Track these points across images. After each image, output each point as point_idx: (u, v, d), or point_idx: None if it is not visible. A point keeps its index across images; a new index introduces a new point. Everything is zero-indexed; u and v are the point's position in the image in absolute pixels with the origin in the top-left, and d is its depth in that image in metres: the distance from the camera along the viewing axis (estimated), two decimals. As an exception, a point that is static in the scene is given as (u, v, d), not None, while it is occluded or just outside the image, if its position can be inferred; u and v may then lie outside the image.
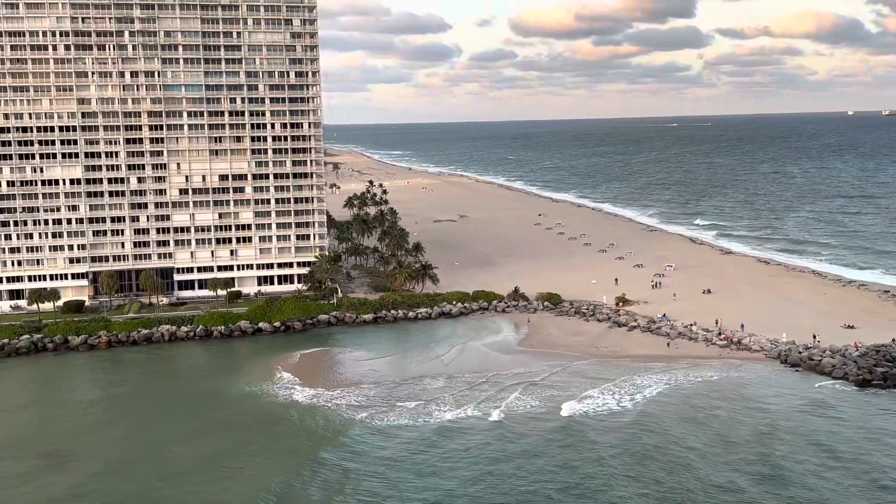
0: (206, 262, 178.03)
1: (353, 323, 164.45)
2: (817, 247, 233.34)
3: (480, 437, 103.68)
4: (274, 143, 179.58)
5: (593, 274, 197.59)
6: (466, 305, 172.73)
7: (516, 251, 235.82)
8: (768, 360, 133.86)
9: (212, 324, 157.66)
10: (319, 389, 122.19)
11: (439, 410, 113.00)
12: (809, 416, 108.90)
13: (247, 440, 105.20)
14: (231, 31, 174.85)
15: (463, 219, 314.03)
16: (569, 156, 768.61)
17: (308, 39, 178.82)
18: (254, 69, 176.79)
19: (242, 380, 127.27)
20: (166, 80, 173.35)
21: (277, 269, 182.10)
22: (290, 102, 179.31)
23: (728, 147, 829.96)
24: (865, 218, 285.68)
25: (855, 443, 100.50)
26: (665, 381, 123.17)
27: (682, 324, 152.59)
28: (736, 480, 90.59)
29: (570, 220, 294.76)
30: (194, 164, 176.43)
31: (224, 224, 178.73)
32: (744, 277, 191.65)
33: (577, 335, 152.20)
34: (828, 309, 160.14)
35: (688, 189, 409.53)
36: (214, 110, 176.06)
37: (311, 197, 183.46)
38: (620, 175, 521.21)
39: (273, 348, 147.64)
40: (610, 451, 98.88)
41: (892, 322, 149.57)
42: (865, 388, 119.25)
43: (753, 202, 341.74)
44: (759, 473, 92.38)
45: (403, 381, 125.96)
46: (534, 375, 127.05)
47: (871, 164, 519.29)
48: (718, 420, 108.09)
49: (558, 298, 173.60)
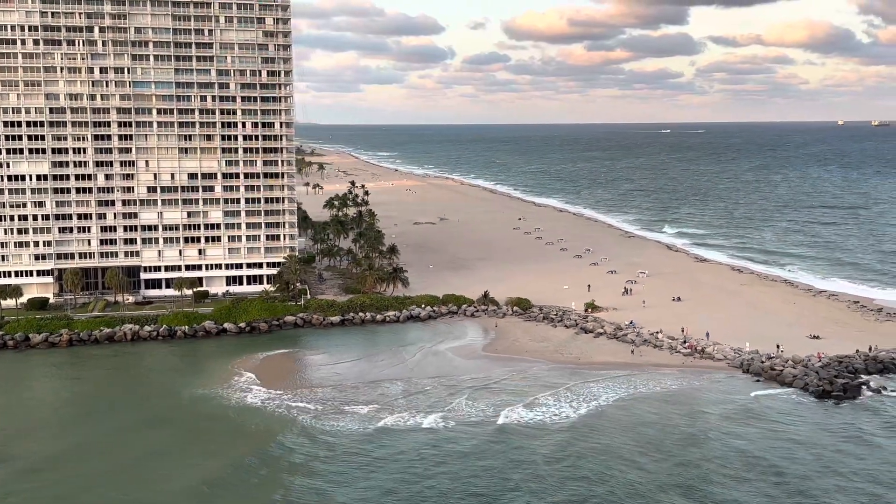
0: (174, 261, 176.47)
1: (320, 325, 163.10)
2: (792, 256, 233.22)
3: (409, 444, 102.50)
4: (245, 142, 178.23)
5: (567, 279, 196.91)
6: (435, 309, 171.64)
7: (492, 255, 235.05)
8: (730, 370, 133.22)
9: (175, 323, 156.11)
10: (275, 392, 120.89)
11: (384, 415, 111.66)
12: (747, 427, 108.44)
13: (183, 442, 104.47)
14: (202, 29, 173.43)
15: (443, 221, 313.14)
16: (556, 160, 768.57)
17: (281, 38, 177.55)
18: (225, 67, 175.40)
19: (198, 381, 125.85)
20: (136, 77, 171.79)
21: (247, 269, 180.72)
22: (261, 101, 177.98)
23: (715, 155, 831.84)
24: (843, 228, 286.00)
25: (781, 451, 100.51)
26: (622, 388, 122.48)
27: (649, 331, 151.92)
28: (652, 488, 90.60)
29: (549, 225, 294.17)
30: (163, 161, 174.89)
31: (192, 223, 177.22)
32: (716, 285, 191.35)
33: (542, 341, 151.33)
34: (796, 318, 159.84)
35: (670, 196, 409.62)
36: (184, 108, 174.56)
37: (282, 197, 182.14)
38: (605, 181, 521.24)
39: (235, 349, 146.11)
40: (531, 457, 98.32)
41: (859, 333, 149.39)
42: (824, 399, 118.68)
43: (734, 210, 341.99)
44: (678, 482, 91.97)
45: (361, 385, 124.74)
46: (491, 381, 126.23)
47: (855, 174, 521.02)
48: (656, 427, 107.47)
49: (528, 303, 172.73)
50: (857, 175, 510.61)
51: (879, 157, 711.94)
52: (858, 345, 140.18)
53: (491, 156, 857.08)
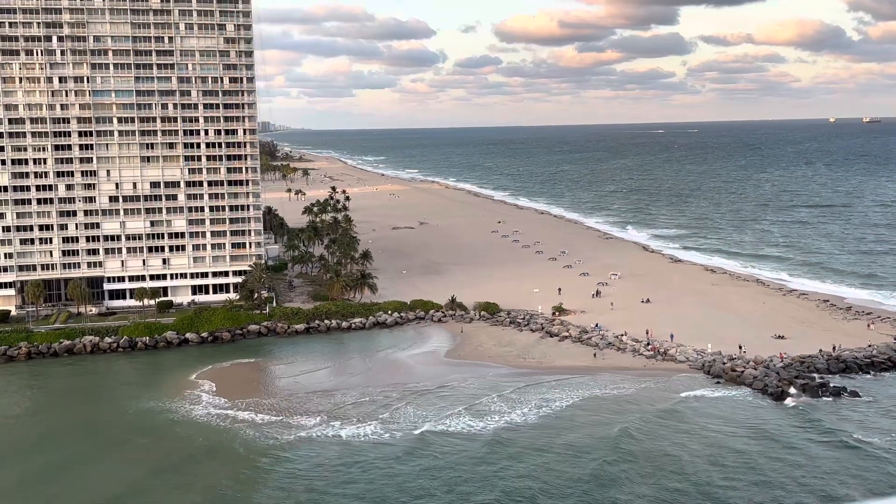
0: (138, 270, 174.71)
1: (285, 333, 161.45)
2: (768, 256, 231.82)
3: (325, 455, 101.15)
4: (207, 149, 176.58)
5: (539, 282, 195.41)
6: (402, 315, 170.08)
7: (467, 259, 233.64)
8: (692, 371, 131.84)
9: (136, 335, 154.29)
10: (223, 403, 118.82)
11: (322, 426, 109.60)
12: (670, 428, 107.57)
13: (103, 454, 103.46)
14: (162, 36, 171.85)
15: (422, 226, 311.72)
16: (543, 162, 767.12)
17: (243, 45, 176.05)
18: (186, 74, 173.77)
19: (148, 394, 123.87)
20: (96, 86, 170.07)
21: (212, 277, 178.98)
22: (224, 108, 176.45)
23: (702, 154, 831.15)
24: (823, 227, 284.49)
25: (694, 451, 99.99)
26: (575, 393, 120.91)
27: (614, 334, 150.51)
28: (559, 488, 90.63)
29: (528, 228, 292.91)
30: (125, 170, 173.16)
31: (156, 232, 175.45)
32: (687, 286, 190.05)
33: (506, 346, 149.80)
34: (763, 318, 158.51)
35: (652, 197, 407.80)
36: (146, 116, 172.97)
37: (248, 205, 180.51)
38: (588, 182, 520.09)
39: (194, 360, 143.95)
40: (439, 465, 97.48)
41: (824, 332, 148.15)
42: (782, 399, 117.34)
43: (715, 211, 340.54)
44: (582, 486, 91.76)
45: (314, 395, 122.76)
46: (445, 387, 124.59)
47: (840, 172, 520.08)
48: (583, 431, 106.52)
49: (495, 308, 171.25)
50: (842, 173, 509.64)
51: (866, 155, 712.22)
52: (823, 344, 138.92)
53: (480, 159, 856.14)
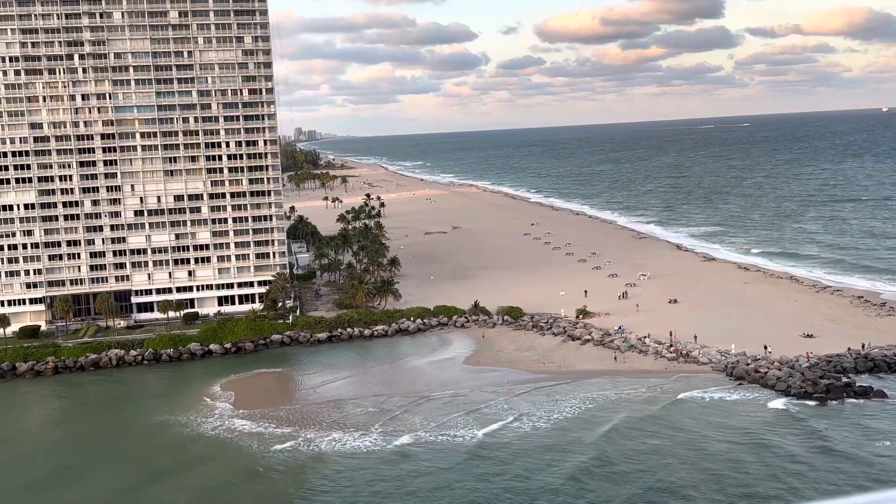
0: (164, 283, 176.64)
1: (307, 342, 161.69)
2: (807, 252, 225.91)
3: (320, 465, 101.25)
4: (229, 161, 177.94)
5: (566, 285, 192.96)
6: (425, 321, 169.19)
7: (497, 263, 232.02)
8: (715, 373, 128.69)
9: (161, 347, 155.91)
10: (239, 415, 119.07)
11: (322, 437, 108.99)
12: (660, 431, 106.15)
13: (111, 468, 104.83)
14: (182, 51, 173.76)
15: (455, 230, 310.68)
16: (583, 162, 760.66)
17: (261, 56, 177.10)
18: (206, 88, 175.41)
19: (165, 406, 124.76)
20: (118, 102, 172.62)
21: (238, 288, 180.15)
22: (244, 120, 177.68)
23: (747, 149, 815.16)
24: (864, 222, 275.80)
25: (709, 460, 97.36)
26: (587, 398, 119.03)
27: (636, 336, 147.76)
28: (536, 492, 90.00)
29: (562, 230, 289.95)
30: (149, 185, 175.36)
31: (181, 245, 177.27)
32: (717, 285, 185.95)
33: (527, 350, 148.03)
34: (793, 317, 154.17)
35: (690, 195, 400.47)
36: (167, 130, 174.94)
37: (270, 215, 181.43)
38: (628, 181, 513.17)
39: (217, 371, 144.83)
40: (423, 470, 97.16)
41: (856, 330, 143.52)
42: (805, 401, 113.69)
43: (754, 206, 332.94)
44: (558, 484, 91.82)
45: (328, 405, 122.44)
46: (457, 396, 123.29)
47: (889, 164, 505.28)
48: (569, 433, 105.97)
49: (519, 312, 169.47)
50: (891, 165, 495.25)
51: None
52: (853, 342, 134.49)
53: (520, 161, 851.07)
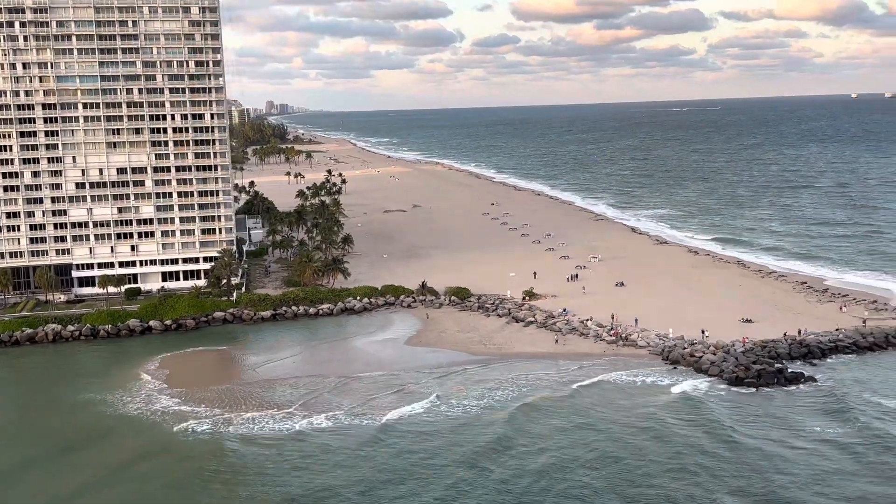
0: (106, 257, 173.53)
1: (251, 320, 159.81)
2: (758, 237, 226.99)
3: (237, 445, 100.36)
4: (175, 134, 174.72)
5: (519, 266, 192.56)
6: (372, 301, 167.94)
7: (452, 243, 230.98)
8: (651, 357, 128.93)
9: (99, 322, 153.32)
10: (166, 394, 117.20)
11: (234, 419, 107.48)
12: (566, 414, 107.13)
13: (27, 447, 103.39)
14: (126, 20, 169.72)
15: (415, 209, 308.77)
16: (553, 142, 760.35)
17: (208, 28, 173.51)
18: (151, 59, 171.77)
19: (97, 384, 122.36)
20: (60, 72, 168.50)
21: (182, 264, 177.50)
22: (190, 93, 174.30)
23: (713, 133, 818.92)
24: (819, 208, 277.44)
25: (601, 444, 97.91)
26: (514, 380, 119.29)
27: (579, 319, 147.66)
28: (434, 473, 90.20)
29: (521, 210, 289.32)
30: (91, 157, 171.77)
31: (124, 218, 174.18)
32: (665, 269, 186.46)
33: (470, 331, 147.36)
34: (736, 302, 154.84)
35: (651, 178, 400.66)
36: (111, 101, 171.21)
37: (217, 190, 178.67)
38: (594, 162, 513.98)
39: (155, 348, 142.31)
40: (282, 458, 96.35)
41: (795, 315, 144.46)
42: (736, 386, 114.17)
43: (713, 191, 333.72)
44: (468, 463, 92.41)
45: (257, 385, 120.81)
46: (390, 377, 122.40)
47: (850, 151, 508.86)
48: (480, 417, 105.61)
49: (466, 293, 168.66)
50: (852, 152, 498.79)
51: (879, 132, 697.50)
52: (792, 328, 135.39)
53: (490, 140, 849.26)
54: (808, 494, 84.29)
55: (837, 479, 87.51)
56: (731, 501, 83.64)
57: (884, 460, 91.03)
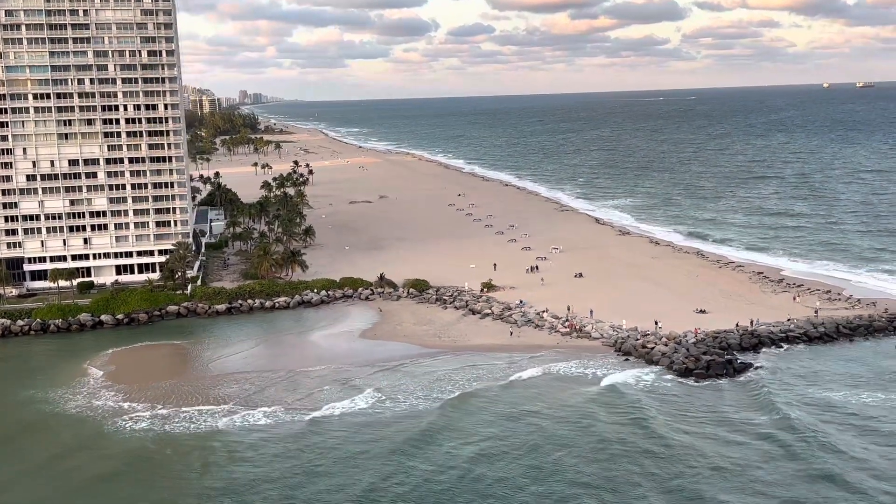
0: (59, 251, 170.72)
1: (206, 314, 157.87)
2: (719, 227, 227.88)
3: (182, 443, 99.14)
4: (127, 125, 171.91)
5: (480, 257, 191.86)
6: (329, 293, 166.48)
7: (415, 234, 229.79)
8: (604, 348, 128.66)
9: (49, 317, 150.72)
10: (109, 390, 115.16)
11: (174, 415, 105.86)
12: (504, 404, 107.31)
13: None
14: (77, 9, 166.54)
15: (382, 199, 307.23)
16: (524, 133, 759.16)
17: (161, 17, 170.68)
18: (103, 48, 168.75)
19: (40, 381, 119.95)
20: (9, 62, 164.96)
21: (137, 257, 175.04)
22: (143, 83, 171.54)
23: (683, 123, 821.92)
24: (783, 198, 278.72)
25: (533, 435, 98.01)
26: (465, 374, 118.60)
27: (535, 311, 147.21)
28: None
29: (487, 201, 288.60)
30: (42, 148, 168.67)
31: (76, 211, 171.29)
32: (625, 260, 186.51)
33: (426, 324, 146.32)
34: (691, 292, 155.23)
35: (618, 168, 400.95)
36: (62, 92, 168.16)
37: (172, 182, 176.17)
38: (563, 152, 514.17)
39: (105, 343, 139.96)
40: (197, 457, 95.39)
41: (749, 306, 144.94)
42: (685, 377, 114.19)
43: (680, 181, 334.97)
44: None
45: (205, 381, 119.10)
46: (338, 371, 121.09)
47: (817, 140, 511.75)
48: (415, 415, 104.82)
49: (425, 285, 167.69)
50: (818, 142, 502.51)
51: (846, 122, 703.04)
52: (745, 318, 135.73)
53: (462, 130, 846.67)
54: (715, 488, 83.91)
55: (752, 471, 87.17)
56: (643, 489, 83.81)
57: (810, 454, 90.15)
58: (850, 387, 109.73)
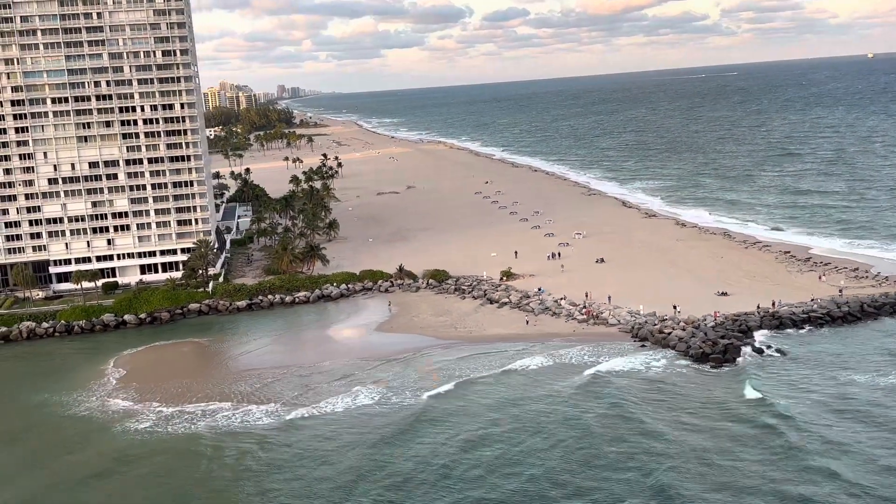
0: (83, 252, 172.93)
1: (227, 311, 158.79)
2: (749, 206, 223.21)
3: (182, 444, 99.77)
4: (145, 125, 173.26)
5: (502, 245, 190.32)
6: (349, 287, 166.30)
7: (439, 224, 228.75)
8: (621, 335, 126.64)
9: (73, 318, 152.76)
10: (121, 391, 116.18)
11: (177, 414, 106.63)
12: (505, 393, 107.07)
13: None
14: (91, 13, 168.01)
15: (409, 190, 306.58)
16: (557, 116, 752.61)
17: (174, 16, 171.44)
18: (117, 50, 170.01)
19: (59, 383, 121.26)
20: (26, 67, 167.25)
21: (160, 256, 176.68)
22: (159, 83, 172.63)
23: (719, 99, 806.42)
24: (816, 175, 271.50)
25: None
26: (474, 366, 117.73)
27: (553, 298, 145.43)
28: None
29: (515, 187, 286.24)
30: (62, 151, 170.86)
31: (98, 213, 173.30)
32: (650, 243, 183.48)
33: (443, 315, 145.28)
34: (715, 274, 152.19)
35: (650, 149, 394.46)
36: (80, 95, 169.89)
37: (191, 180, 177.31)
38: (596, 135, 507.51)
39: (129, 342, 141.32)
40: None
41: (774, 286, 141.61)
42: (702, 362, 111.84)
43: (712, 161, 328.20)
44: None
45: (216, 379, 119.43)
46: (350, 366, 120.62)
47: (855, 114, 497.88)
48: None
49: (444, 275, 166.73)
50: (859, 115, 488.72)
51: (889, 92, 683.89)
52: (768, 299, 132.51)
53: (496, 116, 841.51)
54: (693, 482, 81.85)
55: (733, 460, 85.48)
56: (613, 482, 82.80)
57: (787, 442, 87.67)
58: (871, 371, 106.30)
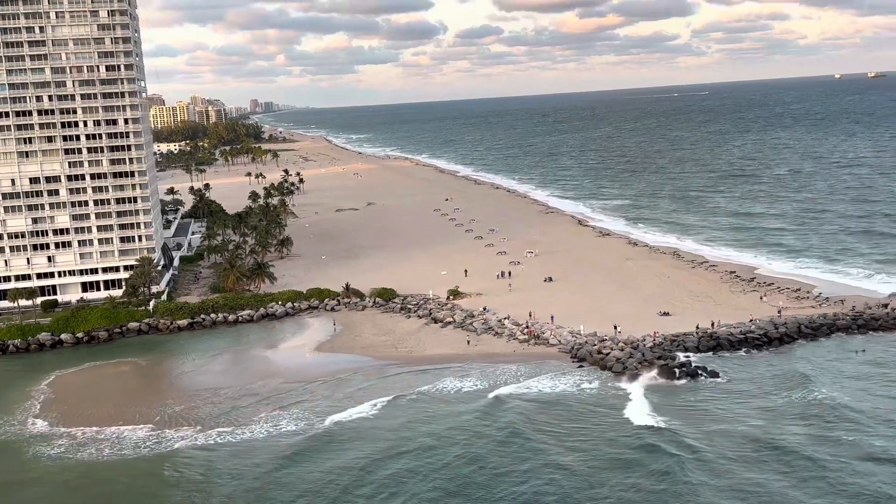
0: (23, 269, 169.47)
1: (167, 330, 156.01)
2: (701, 226, 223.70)
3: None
4: (88, 141, 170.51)
5: (453, 263, 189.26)
6: (295, 305, 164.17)
7: (393, 241, 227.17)
8: (560, 355, 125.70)
9: (8, 337, 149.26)
10: (41, 417, 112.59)
11: (97, 437, 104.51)
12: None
13: None
14: (33, 27, 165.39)
15: (369, 206, 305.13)
16: (525, 133, 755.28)
17: (119, 31, 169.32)
18: (60, 65, 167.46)
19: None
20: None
21: (102, 273, 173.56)
22: (102, 98, 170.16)
23: (682, 120, 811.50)
24: (772, 195, 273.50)
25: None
26: (375, 384, 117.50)
27: (497, 318, 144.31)
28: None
29: (473, 205, 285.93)
30: (2, 167, 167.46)
31: (39, 229, 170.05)
32: (599, 262, 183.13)
33: (385, 335, 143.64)
34: (659, 294, 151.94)
35: (610, 168, 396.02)
36: (21, 110, 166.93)
37: (135, 196, 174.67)
38: (560, 153, 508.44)
39: (58, 363, 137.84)
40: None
41: (715, 307, 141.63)
42: (633, 382, 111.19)
43: (670, 181, 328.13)
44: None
45: (141, 402, 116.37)
46: (277, 388, 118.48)
47: (816, 135, 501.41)
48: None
49: (391, 294, 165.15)
50: (818, 136, 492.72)
51: (851, 113, 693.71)
52: (708, 320, 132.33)
53: (465, 133, 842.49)
54: None
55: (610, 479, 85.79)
56: None
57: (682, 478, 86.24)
58: (797, 388, 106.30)
